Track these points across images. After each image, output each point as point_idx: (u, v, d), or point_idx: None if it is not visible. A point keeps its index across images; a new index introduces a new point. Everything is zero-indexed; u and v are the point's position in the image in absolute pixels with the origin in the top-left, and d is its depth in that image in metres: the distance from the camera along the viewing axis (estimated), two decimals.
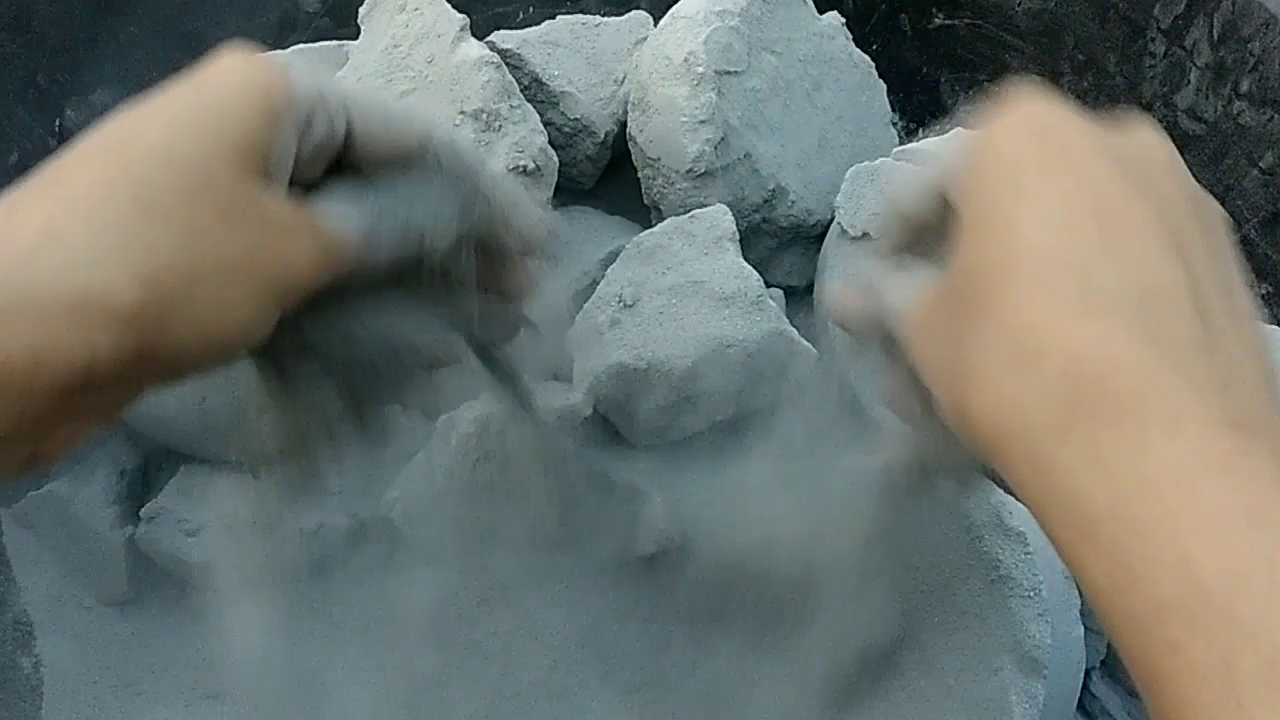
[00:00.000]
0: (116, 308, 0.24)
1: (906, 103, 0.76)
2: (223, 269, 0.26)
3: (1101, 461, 0.21)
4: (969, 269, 0.26)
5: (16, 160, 0.63)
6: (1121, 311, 0.22)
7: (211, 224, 0.26)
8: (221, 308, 0.26)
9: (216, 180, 0.26)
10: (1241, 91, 0.64)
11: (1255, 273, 0.64)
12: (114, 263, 0.24)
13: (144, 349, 0.25)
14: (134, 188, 0.25)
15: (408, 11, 0.56)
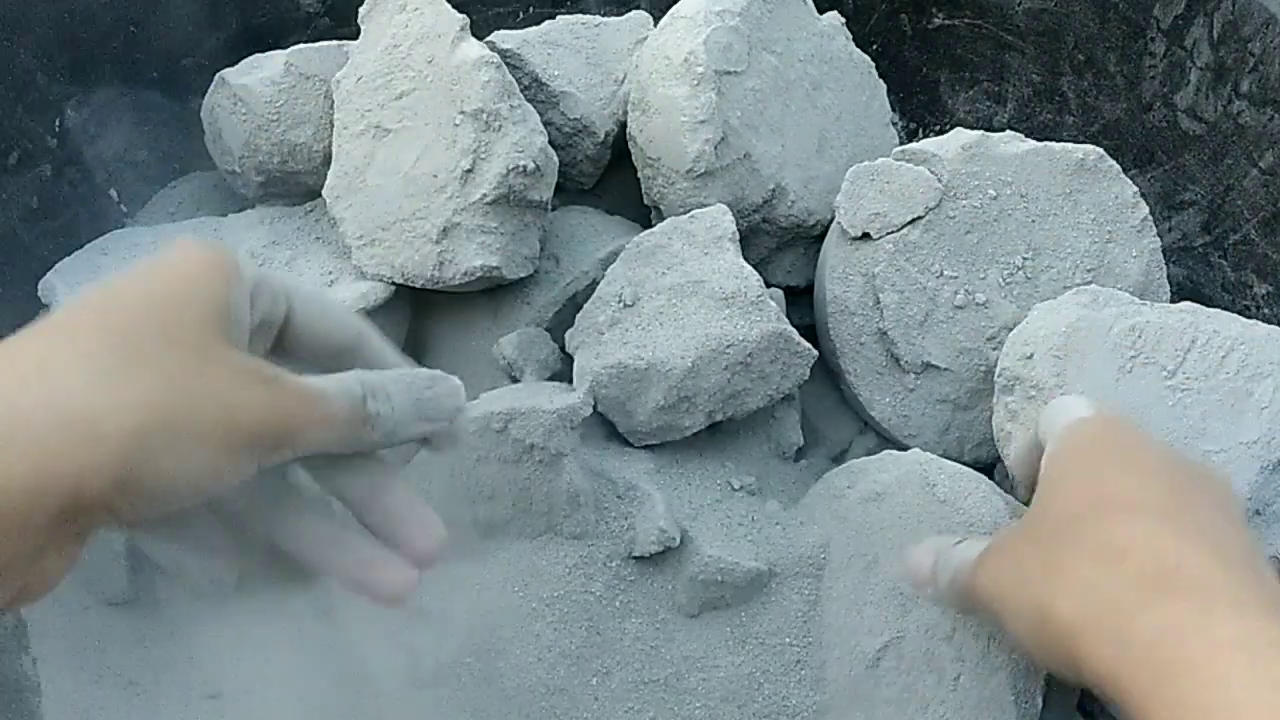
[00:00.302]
0: (103, 431, 0.26)
1: (906, 103, 0.76)
2: (197, 410, 0.28)
3: (1177, 628, 0.27)
4: (1060, 507, 0.34)
5: (16, 160, 0.63)
6: (1188, 532, 0.30)
7: (186, 368, 0.28)
8: (198, 445, 0.28)
9: (187, 333, 0.29)
10: (1241, 91, 0.64)
11: (1255, 272, 0.64)
12: (101, 392, 0.26)
13: (128, 477, 0.26)
14: (118, 335, 0.28)
15: (408, 11, 0.56)
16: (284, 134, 0.62)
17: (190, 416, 0.28)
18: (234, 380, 0.29)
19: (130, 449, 0.26)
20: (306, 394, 0.30)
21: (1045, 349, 0.51)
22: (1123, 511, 0.32)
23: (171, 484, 0.27)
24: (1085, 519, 0.33)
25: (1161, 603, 0.28)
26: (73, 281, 0.58)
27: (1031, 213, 0.57)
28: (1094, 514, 0.33)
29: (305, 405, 0.30)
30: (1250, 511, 0.49)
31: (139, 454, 0.26)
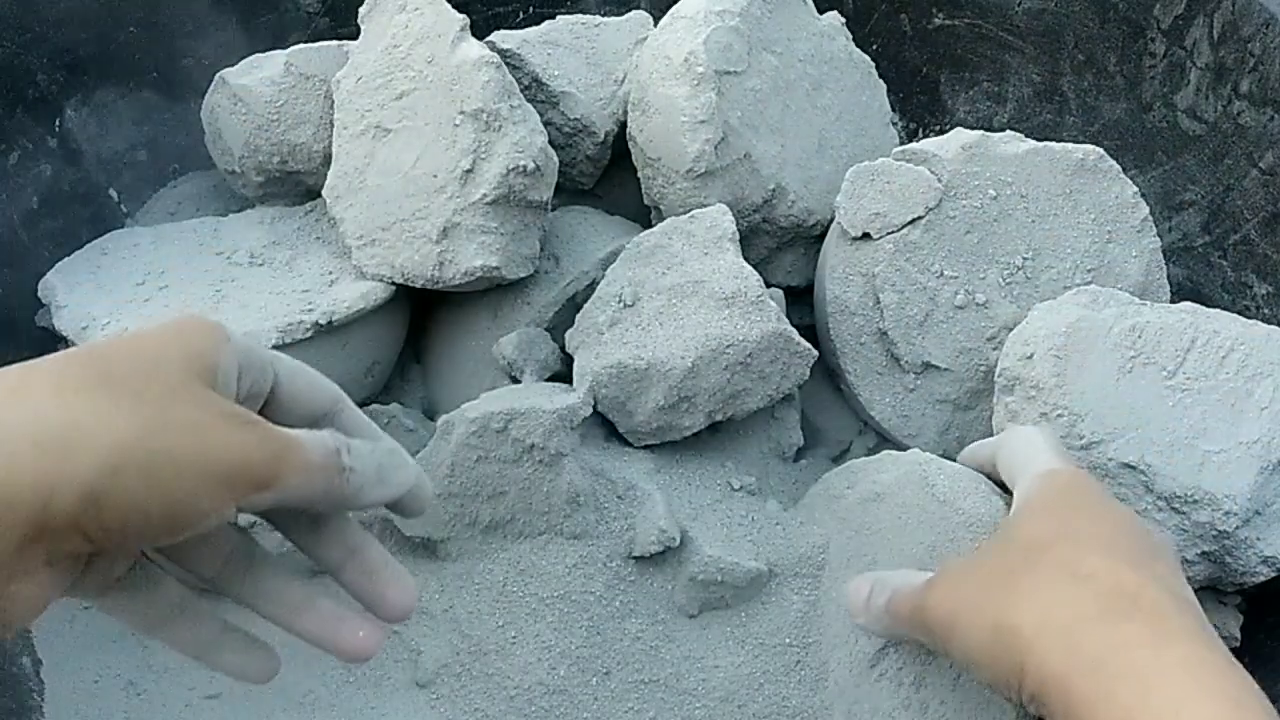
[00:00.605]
0: (74, 446, 0.26)
1: (906, 103, 0.76)
2: (172, 438, 0.28)
3: (1131, 645, 0.29)
4: (1028, 537, 0.36)
5: (16, 160, 0.63)
6: (1147, 572, 0.32)
7: (164, 400, 0.28)
8: (171, 474, 0.28)
9: (170, 374, 0.29)
10: (1241, 91, 0.64)
11: (1255, 272, 0.64)
12: (76, 411, 0.27)
13: (98, 496, 0.26)
14: (96, 365, 0.28)
15: (408, 11, 0.56)
16: (284, 134, 0.62)
17: (165, 443, 0.28)
18: (213, 417, 0.29)
19: (101, 467, 0.26)
20: (285, 438, 0.31)
21: (1045, 349, 0.51)
22: (1090, 544, 0.34)
23: (144, 512, 0.27)
24: (1052, 548, 0.35)
25: (1118, 621, 0.30)
26: (73, 281, 0.58)
27: (1031, 213, 0.57)
28: (1061, 544, 0.35)
29: (284, 449, 0.30)
30: (1250, 511, 0.49)
31: (109, 473, 0.26)
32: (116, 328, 0.54)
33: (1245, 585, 0.51)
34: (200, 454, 0.28)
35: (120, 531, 0.27)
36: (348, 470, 0.32)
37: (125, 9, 0.67)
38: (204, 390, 0.30)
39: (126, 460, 0.27)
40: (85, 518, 0.26)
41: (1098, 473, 0.49)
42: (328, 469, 0.32)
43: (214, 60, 0.68)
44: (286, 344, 0.54)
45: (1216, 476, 0.49)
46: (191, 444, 0.28)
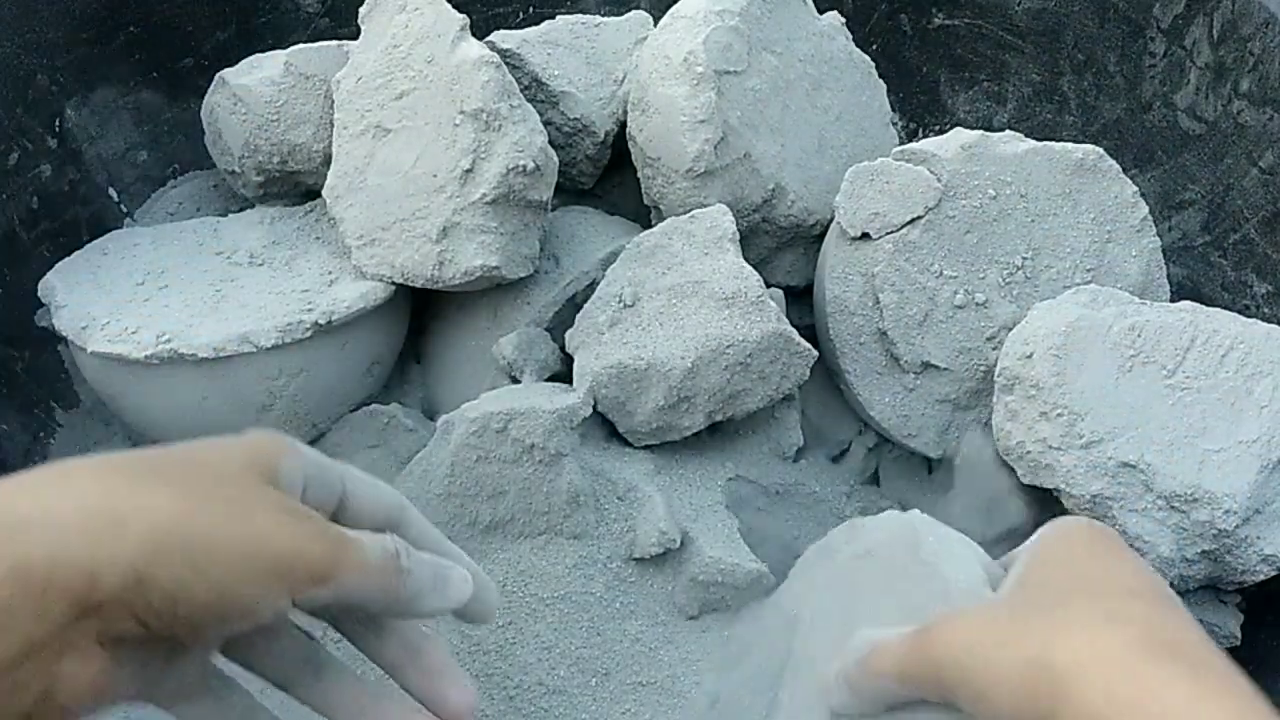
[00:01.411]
0: (123, 523, 0.26)
1: (906, 103, 0.76)
2: (223, 524, 0.28)
3: (1174, 694, 0.29)
4: (1050, 583, 0.35)
5: (16, 160, 0.63)
6: (1181, 618, 0.32)
7: (217, 488, 0.29)
8: (222, 559, 0.28)
9: (224, 465, 0.30)
10: (1241, 91, 0.64)
11: (1255, 272, 0.64)
12: (125, 493, 0.27)
13: (146, 576, 0.26)
14: (148, 458, 0.29)
15: (408, 11, 0.56)
16: (284, 134, 0.62)
17: (208, 525, 0.27)
18: (266, 507, 0.29)
19: (144, 546, 0.26)
20: (342, 535, 0.31)
21: (1045, 349, 0.51)
22: (1123, 591, 0.34)
23: (190, 594, 0.27)
24: (1082, 594, 0.34)
25: (1162, 664, 0.30)
26: (73, 281, 0.58)
27: (1031, 213, 0.57)
28: (1092, 589, 0.34)
29: (341, 547, 0.30)
30: (1250, 510, 0.49)
31: (152, 552, 0.26)
32: (117, 327, 0.54)
33: (1245, 584, 0.51)
34: (246, 539, 0.28)
35: (169, 614, 0.27)
36: (405, 573, 0.32)
37: (125, 9, 0.67)
38: (261, 484, 0.30)
39: (169, 540, 0.27)
40: (132, 596, 0.26)
41: (1097, 471, 0.49)
42: (385, 570, 0.32)
43: (214, 60, 0.68)
44: (286, 344, 0.54)
45: (1216, 475, 0.49)
46: (238, 529, 0.28)
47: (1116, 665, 0.30)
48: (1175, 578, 0.50)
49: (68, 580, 0.25)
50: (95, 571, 0.26)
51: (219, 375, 0.54)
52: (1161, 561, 0.49)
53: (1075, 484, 0.50)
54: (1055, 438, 0.50)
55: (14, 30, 0.62)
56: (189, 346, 0.53)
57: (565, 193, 0.65)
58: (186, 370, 0.54)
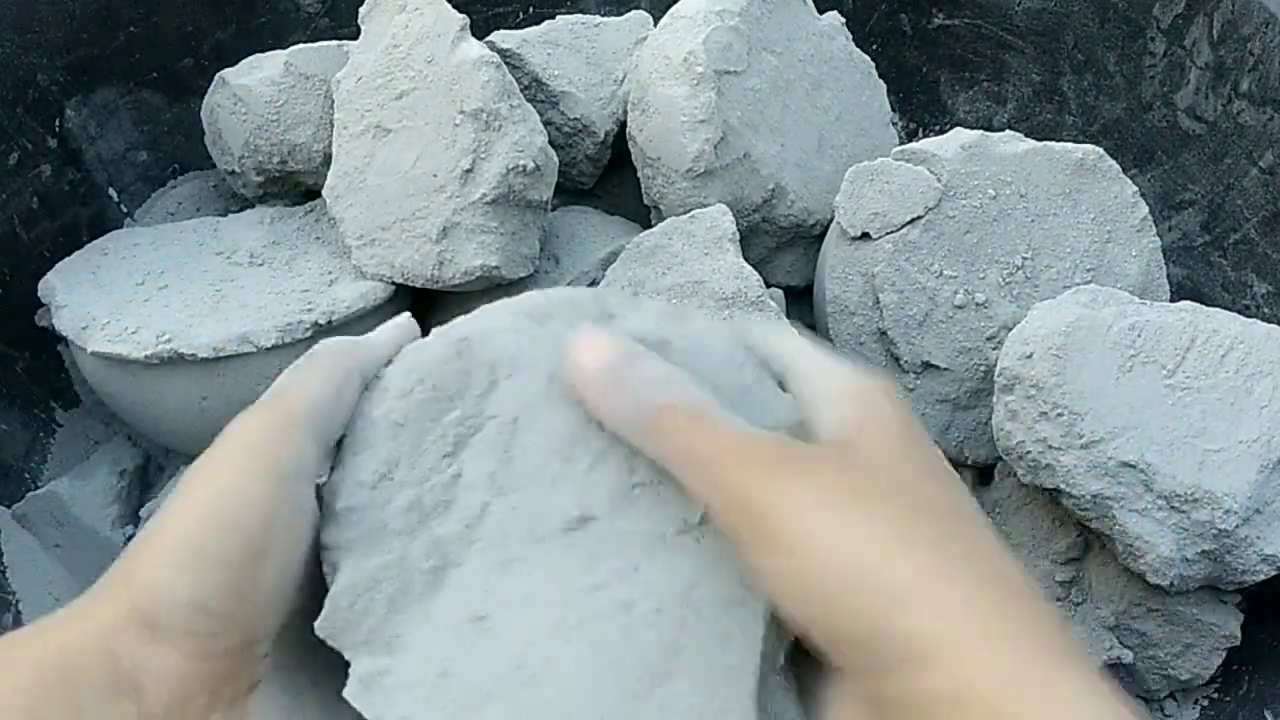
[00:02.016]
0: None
1: (906, 103, 0.76)
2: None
3: (1047, 675, 0.24)
4: (879, 464, 0.28)
5: (16, 160, 0.63)
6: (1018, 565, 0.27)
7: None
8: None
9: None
10: (1241, 91, 0.64)
11: (1255, 272, 0.64)
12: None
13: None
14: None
15: (408, 11, 0.56)
16: (284, 134, 0.62)
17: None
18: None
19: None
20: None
21: (1045, 348, 0.51)
22: (964, 515, 0.28)
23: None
24: (926, 506, 0.27)
25: (1029, 637, 0.25)
26: (73, 281, 0.58)
27: (1031, 213, 0.57)
28: (935, 505, 0.27)
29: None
30: (1250, 510, 0.49)
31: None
32: (117, 327, 0.54)
33: (1245, 584, 0.51)
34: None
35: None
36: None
37: (125, 9, 0.67)
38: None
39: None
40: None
41: (1097, 471, 0.49)
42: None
43: (214, 60, 0.68)
44: (286, 344, 0.54)
45: (1216, 475, 0.49)
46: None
47: (985, 621, 0.25)
48: (1175, 577, 0.50)
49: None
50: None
51: (219, 375, 0.54)
52: (1162, 561, 0.49)
53: (1075, 484, 0.50)
54: (1055, 438, 0.50)
55: (14, 30, 0.62)
56: (189, 346, 0.53)
57: (565, 193, 0.65)
58: (186, 370, 0.54)
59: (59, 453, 0.62)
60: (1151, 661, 0.54)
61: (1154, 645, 0.54)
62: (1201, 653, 0.54)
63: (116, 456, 0.61)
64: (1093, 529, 0.51)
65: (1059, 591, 0.56)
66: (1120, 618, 0.54)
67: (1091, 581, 0.55)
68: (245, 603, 0.27)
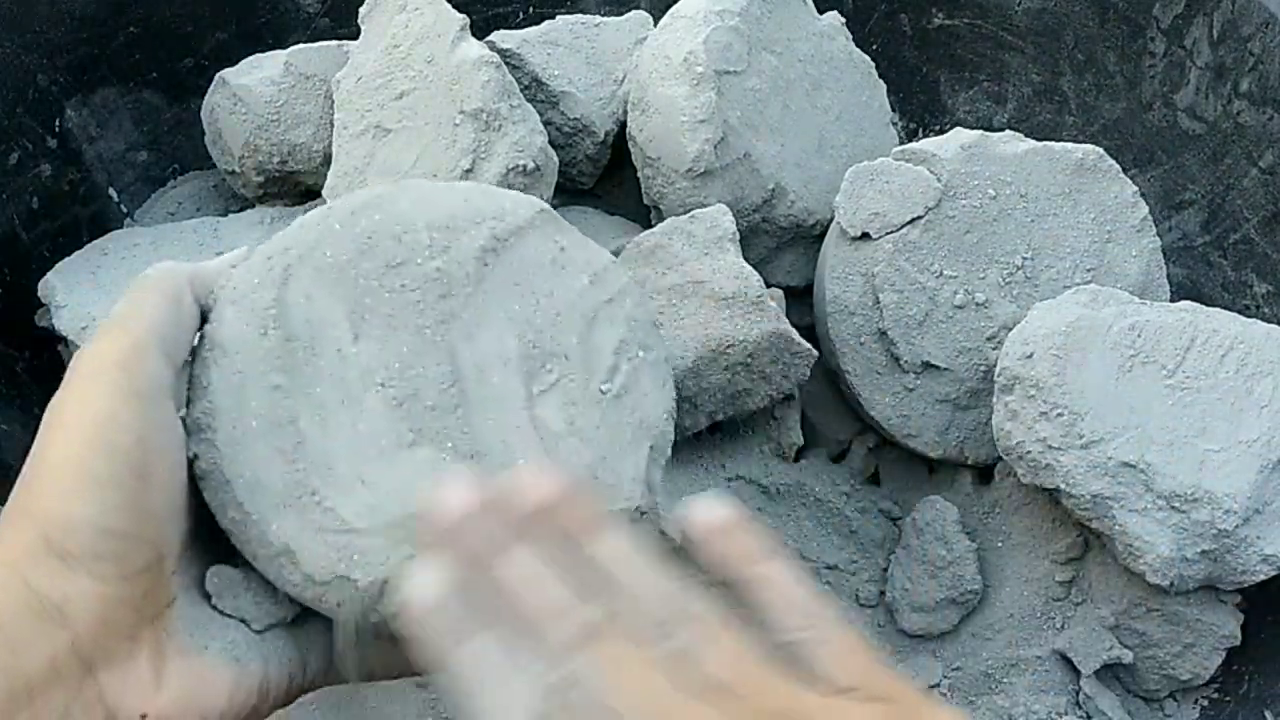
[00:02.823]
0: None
1: (906, 103, 0.76)
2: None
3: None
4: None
5: (16, 160, 0.63)
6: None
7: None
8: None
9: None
10: (1241, 91, 0.64)
11: (1255, 272, 0.64)
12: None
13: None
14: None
15: (408, 11, 0.56)
16: (284, 134, 0.62)
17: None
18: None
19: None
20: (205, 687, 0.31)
21: (1045, 348, 0.51)
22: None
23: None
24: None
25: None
26: (73, 281, 0.58)
27: (1031, 213, 0.57)
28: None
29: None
30: (1250, 510, 0.49)
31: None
32: None
33: (1245, 584, 0.51)
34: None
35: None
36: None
37: (125, 9, 0.67)
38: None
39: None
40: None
41: (1097, 471, 0.49)
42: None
43: (214, 60, 0.68)
44: None
45: (1216, 475, 0.49)
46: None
47: None
48: (1175, 577, 0.50)
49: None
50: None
51: None
52: (1161, 561, 0.49)
53: (1075, 484, 0.50)
54: (1055, 438, 0.50)
55: (14, 30, 0.62)
56: None
57: (565, 193, 0.65)
58: None
59: None
60: (1151, 661, 0.54)
61: (1154, 645, 0.54)
62: (1201, 653, 0.54)
63: None
64: (1093, 529, 0.51)
65: (1059, 592, 0.56)
66: (1120, 618, 0.54)
67: (1091, 581, 0.55)
68: (144, 519, 0.28)
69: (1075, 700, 0.54)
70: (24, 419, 0.61)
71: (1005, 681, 0.55)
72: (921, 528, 0.57)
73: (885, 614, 0.58)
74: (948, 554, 0.55)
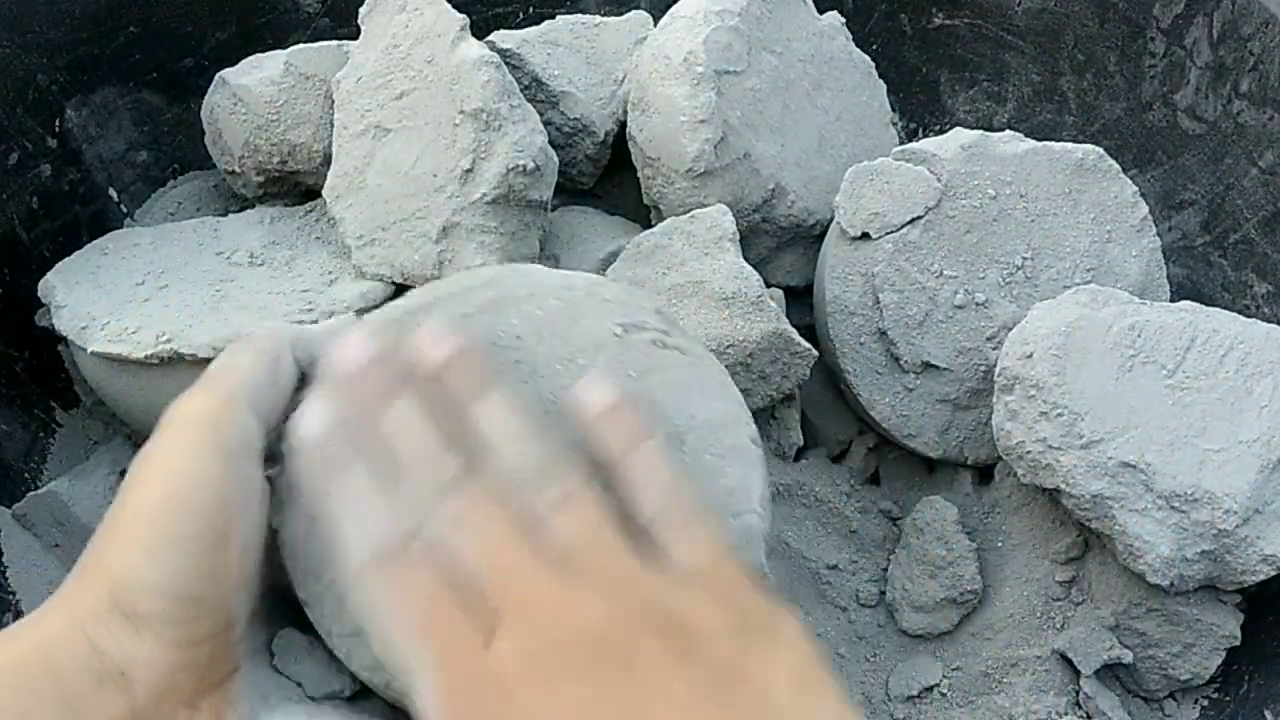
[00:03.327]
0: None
1: (906, 103, 0.76)
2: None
3: None
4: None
5: (16, 160, 0.63)
6: None
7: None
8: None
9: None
10: (1241, 91, 0.64)
11: (1255, 272, 0.64)
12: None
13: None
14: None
15: (408, 11, 0.56)
16: (284, 134, 0.62)
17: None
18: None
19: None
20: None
21: (1045, 348, 0.51)
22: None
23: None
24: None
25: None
26: (73, 281, 0.58)
27: (1031, 212, 0.57)
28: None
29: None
30: (1250, 510, 0.49)
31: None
32: (117, 327, 0.54)
33: (1245, 584, 0.51)
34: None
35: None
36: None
37: (125, 9, 0.67)
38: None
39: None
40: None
41: (1097, 471, 0.49)
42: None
43: (214, 60, 0.68)
44: None
45: (1216, 475, 0.49)
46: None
47: None
48: (1175, 577, 0.50)
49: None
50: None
51: None
52: (1161, 561, 0.49)
53: (1075, 484, 0.50)
54: (1055, 438, 0.50)
55: (14, 30, 0.62)
56: (189, 346, 0.53)
57: (565, 193, 0.65)
58: (186, 370, 0.53)
59: (59, 453, 0.62)
60: (1151, 661, 0.54)
61: (1154, 645, 0.54)
62: (1201, 653, 0.54)
63: (116, 457, 0.61)
64: (1092, 529, 0.51)
65: (1059, 592, 0.56)
66: (1120, 618, 0.54)
67: (1091, 581, 0.55)
68: (215, 584, 0.28)
69: (1075, 700, 0.54)
70: (24, 419, 0.61)
71: (1005, 681, 0.55)
72: (921, 528, 0.57)
73: (885, 614, 0.58)
74: (948, 554, 0.55)
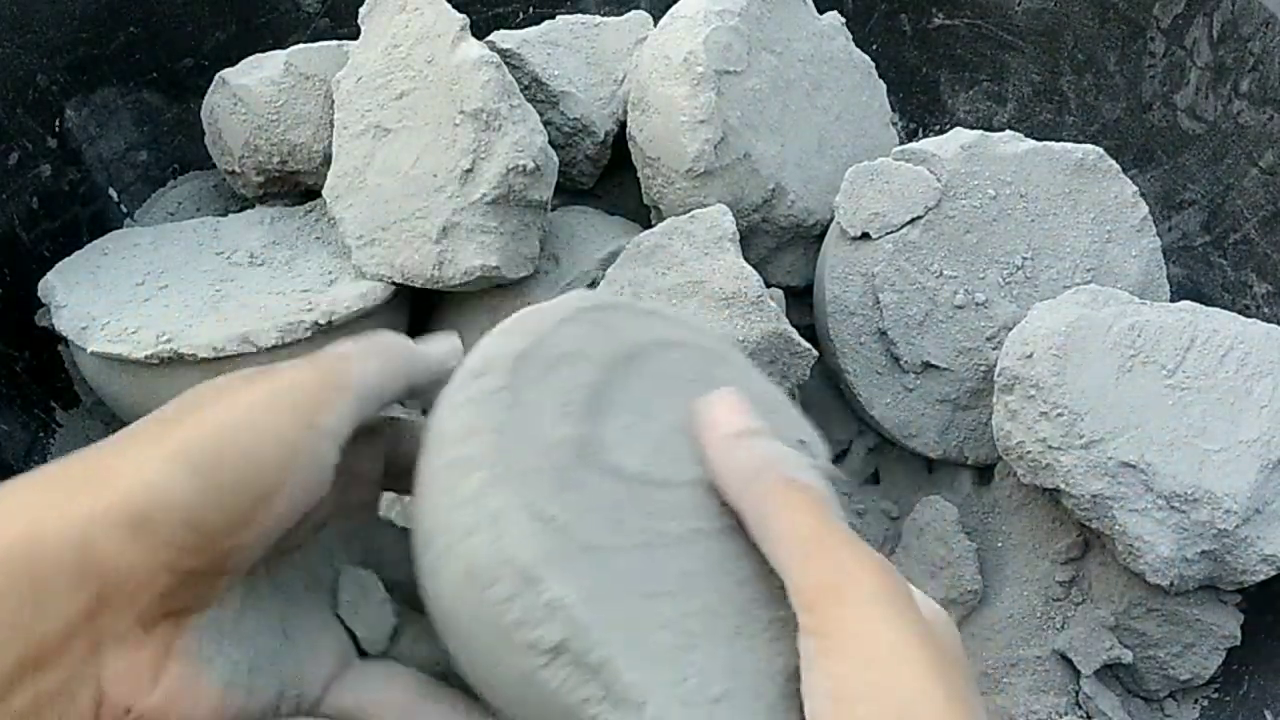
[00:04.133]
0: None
1: (906, 103, 0.76)
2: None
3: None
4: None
5: (16, 160, 0.63)
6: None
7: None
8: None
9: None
10: (1241, 91, 0.64)
11: (1255, 272, 0.64)
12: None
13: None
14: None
15: (408, 11, 0.56)
16: (284, 134, 0.62)
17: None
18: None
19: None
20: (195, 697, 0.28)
21: (1045, 348, 0.51)
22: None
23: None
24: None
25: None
26: (73, 281, 0.58)
27: (1031, 213, 0.57)
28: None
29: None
30: (1250, 510, 0.49)
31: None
32: (117, 327, 0.54)
33: (1245, 584, 0.51)
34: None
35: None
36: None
37: (125, 9, 0.67)
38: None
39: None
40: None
41: (1097, 471, 0.49)
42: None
43: (214, 60, 0.68)
44: (286, 343, 0.54)
45: (1216, 475, 0.49)
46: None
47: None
48: (1175, 577, 0.50)
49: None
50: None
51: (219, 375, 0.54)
52: (1161, 561, 0.49)
53: (1075, 484, 0.50)
54: (1055, 438, 0.50)
55: (14, 30, 0.62)
56: (189, 346, 0.53)
57: (565, 193, 0.65)
58: (186, 370, 0.53)
59: (59, 453, 0.62)
60: (1151, 661, 0.54)
61: (1154, 645, 0.54)
62: (1201, 653, 0.54)
63: None
64: (1092, 529, 0.51)
65: (1059, 592, 0.56)
66: (1120, 618, 0.54)
67: (1091, 581, 0.55)
68: (233, 534, 0.26)
69: (1075, 700, 0.54)
70: (24, 419, 0.61)
71: (1005, 681, 0.55)
72: (921, 528, 0.57)
73: None
74: (947, 554, 0.55)
